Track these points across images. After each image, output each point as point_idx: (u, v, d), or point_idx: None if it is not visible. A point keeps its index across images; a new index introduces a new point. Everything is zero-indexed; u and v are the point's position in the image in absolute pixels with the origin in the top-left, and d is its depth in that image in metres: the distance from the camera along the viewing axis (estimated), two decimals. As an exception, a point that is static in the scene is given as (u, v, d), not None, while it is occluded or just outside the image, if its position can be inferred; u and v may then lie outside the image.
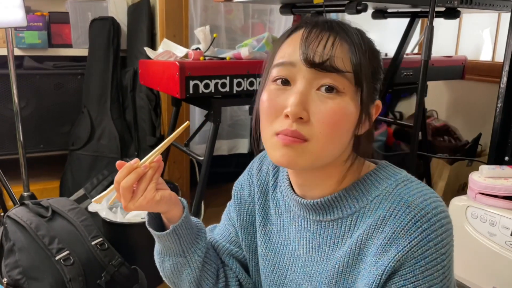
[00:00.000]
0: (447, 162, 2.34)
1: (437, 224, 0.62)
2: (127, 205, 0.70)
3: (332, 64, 0.62)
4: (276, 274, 0.80)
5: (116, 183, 0.69)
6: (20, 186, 2.13)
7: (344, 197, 0.69)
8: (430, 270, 0.61)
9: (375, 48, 0.69)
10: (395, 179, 0.69)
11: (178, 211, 0.76)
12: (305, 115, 0.62)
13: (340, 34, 0.64)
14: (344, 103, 0.63)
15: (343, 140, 0.66)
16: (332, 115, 0.62)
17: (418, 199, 0.64)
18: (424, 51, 1.43)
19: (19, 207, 1.53)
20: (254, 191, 0.84)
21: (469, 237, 1.28)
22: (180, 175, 2.39)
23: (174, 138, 0.73)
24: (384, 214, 0.65)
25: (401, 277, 0.62)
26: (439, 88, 2.73)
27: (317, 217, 0.72)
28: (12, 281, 1.39)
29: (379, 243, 0.64)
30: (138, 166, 0.69)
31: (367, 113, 0.66)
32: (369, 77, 0.65)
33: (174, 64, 1.46)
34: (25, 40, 2.30)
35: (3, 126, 2.31)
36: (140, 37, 2.33)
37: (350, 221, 0.69)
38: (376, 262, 0.64)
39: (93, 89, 2.35)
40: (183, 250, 0.78)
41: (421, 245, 0.61)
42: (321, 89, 0.63)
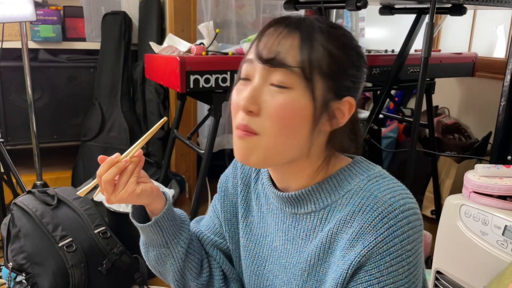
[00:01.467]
0: (455, 160, 2.31)
1: (404, 220, 0.63)
2: (109, 198, 0.72)
3: (279, 59, 0.64)
4: (255, 265, 0.82)
5: (98, 177, 0.71)
6: (34, 175, 2.20)
7: (318, 190, 0.71)
8: (395, 266, 0.62)
9: (346, 43, 0.68)
10: (368, 174, 0.69)
11: (160, 204, 0.78)
12: (254, 108, 0.64)
13: (293, 29, 0.65)
14: (293, 98, 0.64)
15: (297, 135, 0.66)
16: (279, 109, 0.64)
17: (387, 195, 0.65)
18: (424, 48, 1.42)
19: (26, 195, 1.59)
20: (237, 184, 0.86)
21: (461, 235, 1.28)
22: (187, 167, 2.43)
23: (152, 133, 0.75)
24: (353, 209, 0.66)
25: (367, 272, 0.63)
26: (451, 85, 2.69)
27: (292, 210, 0.74)
28: (17, 266, 1.45)
29: (347, 238, 0.65)
30: (119, 160, 0.71)
31: (324, 109, 0.66)
32: (325, 73, 0.65)
33: (175, 59, 1.49)
34: (40, 34, 2.37)
35: (18, 116, 2.39)
36: (150, 32, 2.37)
37: (322, 214, 0.70)
38: (343, 256, 0.65)
39: (104, 82, 2.41)
40: (166, 241, 0.80)
41: (386, 241, 0.62)
42: (274, 84, 0.65)
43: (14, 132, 2.42)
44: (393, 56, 1.92)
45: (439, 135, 2.53)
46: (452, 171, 2.29)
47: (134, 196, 0.73)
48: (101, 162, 0.72)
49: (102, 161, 0.72)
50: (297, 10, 1.70)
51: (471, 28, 2.66)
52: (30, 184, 2.21)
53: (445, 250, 1.35)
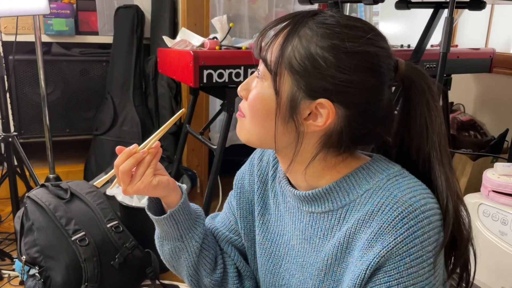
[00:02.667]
0: (471, 158, 2.28)
1: (424, 221, 0.61)
2: (126, 189, 0.73)
3: (259, 53, 0.69)
4: (271, 263, 0.81)
5: (115, 168, 0.71)
6: (46, 168, 2.21)
7: (335, 189, 0.69)
8: (415, 267, 0.61)
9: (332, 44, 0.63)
10: (387, 173, 0.68)
11: (176, 197, 0.78)
12: (243, 94, 0.71)
13: (286, 26, 0.67)
14: (262, 88, 0.68)
15: (266, 123, 0.68)
16: (251, 95, 0.69)
17: (407, 195, 0.63)
18: (443, 44, 1.39)
19: (39, 188, 1.60)
20: (254, 181, 0.85)
21: (480, 235, 1.25)
22: (198, 162, 2.43)
23: (170, 125, 0.75)
24: (372, 208, 0.65)
25: (386, 273, 0.62)
26: (467, 81, 2.64)
27: (309, 209, 0.73)
28: (30, 259, 1.46)
29: (366, 238, 0.64)
30: (136, 151, 0.71)
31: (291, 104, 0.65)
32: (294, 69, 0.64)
33: (188, 53, 1.48)
34: (53, 27, 2.37)
35: (32, 110, 2.40)
36: (162, 26, 2.36)
37: (340, 214, 0.69)
38: (362, 256, 0.64)
39: (116, 76, 2.41)
40: (180, 235, 0.80)
41: (406, 241, 0.60)
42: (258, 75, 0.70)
43: (28, 125, 2.43)
44: (409, 52, 1.89)
45: (454, 132, 2.49)
46: (468, 169, 2.26)
47: (150, 188, 0.73)
48: (118, 153, 0.72)
49: (120, 151, 0.72)
50: (312, 4, 1.68)
51: (488, 23, 2.61)
52: (43, 177, 2.22)
53: (462, 250, 1.33)
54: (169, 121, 0.75)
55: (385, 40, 0.67)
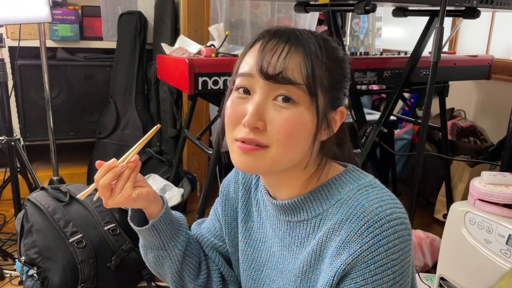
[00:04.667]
0: (469, 164, 2.28)
1: (389, 230, 0.63)
2: (106, 202, 0.75)
3: (285, 76, 0.64)
4: (253, 269, 0.83)
5: (95, 182, 0.74)
6: (51, 171, 2.27)
7: (310, 199, 0.72)
8: (380, 275, 0.63)
9: (338, 57, 0.70)
10: (358, 184, 0.70)
11: (157, 207, 0.81)
12: (260, 124, 0.65)
13: (295, 45, 0.66)
14: (299, 113, 0.65)
15: (301, 147, 0.68)
16: (287, 124, 0.65)
17: (374, 205, 0.66)
18: (433, 53, 1.40)
19: (39, 191, 1.64)
20: (239, 188, 0.88)
21: (466, 243, 1.27)
22: (198, 166, 2.46)
23: (146, 140, 0.77)
24: (341, 217, 0.67)
25: (352, 280, 0.64)
26: (468, 87, 2.64)
27: (286, 218, 0.75)
28: (29, 260, 1.50)
29: (335, 246, 0.67)
30: (115, 165, 0.74)
31: (324, 121, 0.69)
32: (325, 87, 0.67)
33: (184, 61, 1.52)
34: (58, 33, 2.43)
35: (37, 113, 2.47)
36: (164, 32, 2.41)
37: (314, 223, 0.72)
38: (331, 263, 0.67)
39: (119, 80, 2.46)
40: (163, 244, 0.83)
41: (371, 250, 0.63)
42: (278, 99, 0.66)
43: (33, 128, 2.49)
44: (405, 59, 1.90)
45: (453, 138, 2.49)
46: (465, 176, 2.26)
47: (130, 200, 0.75)
48: (98, 167, 0.74)
49: (100, 166, 0.74)
50: (307, 12, 1.70)
51: (490, 30, 2.61)
52: (47, 180, 2.27)
53: (450, 257, 1.34)
54: (145, 137, 0.77)
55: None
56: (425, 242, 1.90)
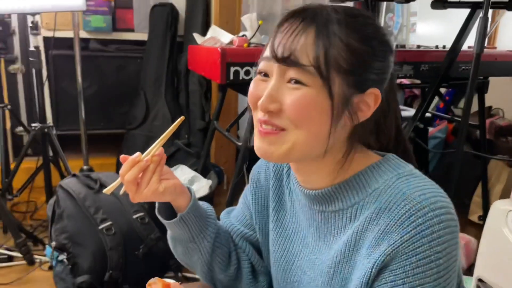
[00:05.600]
0: (507, 164, 2.19)
1: (434, 219, 0.59)
2: (133, 197, 0.74)
3: (293, 59, 0.62)
4: (285, 260, 0.81)
5: (121, 177, 0.72)
6: (81, 160, 2.30)
7: (345, 188, 0.69)
8: (422, 268, 0.59)
9: (366, 34, 0.64)
10: (397, 172, 0.66)
11: (185, 200, 0.79)
12: (274, 107, 0.64)
13: (309, 24, 0.62)
14: (309, 94, 0.62)
15: (318, 130, 0.64)
16: (297, 105, 0.62)
17: (416, 193, 0.61)
18: (476, 44, 1.34)
19: (71, 178, 1.66)
20: (270, 176, 0.85)
21: (507, 243, 1.20)
22: (226, 159, 2.45)
23: (171, 132, 0.75)
24: (380, 206, 0.63)
25: (392, 272, 0.60)
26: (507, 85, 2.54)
27: (320, 207, 0.72)
28: (59, 245, 1.52)
29: (373, 236, 0.63)
30: (140, 160, 0.72)
31: (345, 104, 0.63)
32: (344, 68, 0.62)
33: (216, 50, 1.50)
34: (91, 24, 2.46)
35: (69, 103, 2.50)
36: (195, 23, 2.40)
37: (351, 212, 0.68)
38: (369, 255, 0.63)
39: (150, 72, 2.47)
40: (192, 237, 0.81)
41: (413, 240, 0.59)
42: (291, 82, 0.63)
43: (65, 118, 2.53)
44: (444, 52, 1.84)
45: (491, 137, 2.40)
46: (504, 176, 2.18)
47: (157, 194, 0.73)
48: (123, 162, 0.72)
49: (124, 160, 0.72)
50: (344, 2, 1.66)
51: (532, 24, 2.50)
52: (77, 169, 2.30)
53: (489, 258, 1.28)
54: (169, 129, 0.75)
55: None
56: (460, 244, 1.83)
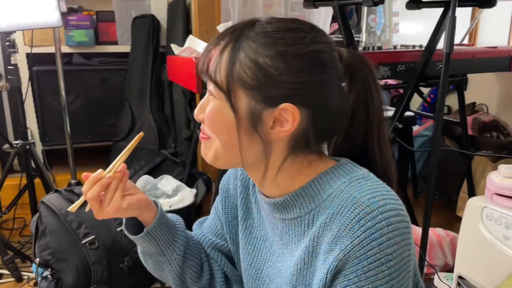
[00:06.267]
0: (491, 160, 2.20)
1: (383, 222, 0.60)
2: (97, 214, 0.74)
3: (206, 73, 0.67)
4: (254, 268, 0.81)
5: (84, 194, 0.73)
6: (69, 174, 2.30)
7: (301, 195, 0.69)
8: (374, 271, 0.59)
9: (284, 51, 0.63)
10: (350, 177, 0.67)
11: (151, 214, 0.79)
12: (201, 117, 0.70)
13: (228, 42, 0.65)
14: (217, 107, 0.67)
15: (229, 141, 0.67)
16: (208, 116, 0.68)
17: (366, 196, 0.62)
18: (445, 43, 1.35)
19: (53, 193, 1.66)
20: (237, 185, 0.86)
21: (483, 238, 1.21)
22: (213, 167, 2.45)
23: (131, 148, 0.76)
24: (333, 211, 0.64)
25: (345, 277, 0.61)
26: (490, 81, 2.55)
27: (280, 215, 0.73)
28: (43, 261, 1.52)
29: (327, 241, 0.64)
30: (102, 177, 0.73)
31: (253, 118, 0.65)
32: (248, 85, 0.64)
33: (191, 60, 1.51)
34: (74, 38, 2.48)
35: (54, 118, 2.51)
36: (176, 33, 2.42)
37: (308, 219, 0.69)
38: (324, 260, 0.64)
39: (134, 83, 2.48)
40: (161, 250, 0.81)
41: (363, 244, 0.59)
42: (211, 94, 0.69)
43: (51, 132, 2.54)
44: (420, 52, 1.85)
45: (475, 133, 2.41)
46: (488, 171, 2.17)
47: (120, 211, 0.74)
48: (85, 179, 0.73)
49: (86, 178, 0.73)
50: (316, 7, 1.68)
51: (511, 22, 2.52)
52: (65, 183, 2.31)
53: (467, 254, 1.29)
54: (129, 145, 0.76)
55: (326, 35, 0.68)
56: (445, 241, 1.84)
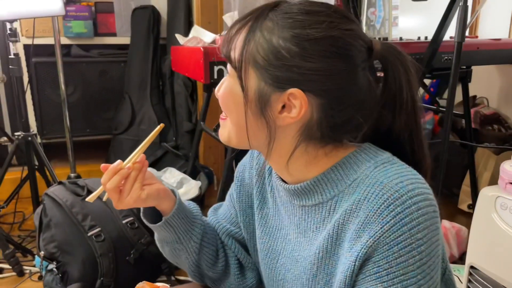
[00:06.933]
0: (494, 152, 2.21)
1: (412, 207, 0.58)
2: (116, 204, 0.74)
3: (225, 53, 0.67)
4: (269, 258, 0.80)
5: (103, 185, 0.72)
6: (68, 168, 2.27)
7: (323, 181, 0.68)
8: (405, 257, 0.58)
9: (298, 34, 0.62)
10: (375, 161, 0.65)
11: (169, 203, 0.79)
12: (218, 96, 0.70)
13: (247, 23, 0.65)
14: (229, 84, 0.68)
15: (237, 121, 0.67)
16: (221, 94, 0.69)
17: (394, 181, 0.61)
18: (457, 33, 1.35)
19: (57, 185, 1.63)
20: (253, 174, 0.85)
21: (497, 229, 1.21)
22: (215, 160, 2.44)
23: (151, 139, 0.76)
24: (359, 197, 0.63)
25: (375, 264, 0.60)
26: (491, 74, 2.56)
27: (300, 202, 0.71)
28: (48, 254, 1.49)
29: (354, 228, 0.62)
30: (121, 167, 0.72)
31: (260, 99, 0.64)
32: (259, 64, 0.63)
33: (199, 50, 1.49)
34: (72, 30, 2.43)
35: (53, 111, 2.47)
36: (177, 25, 2.39)
37: (330, 205, 0.67)
38: (351, 248, 0.62)
39: (134, 76, 2.44)
40: (178, 238, 0.81)
41: (394, 229, 0.58)
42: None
43: (49, 126, 2.50)
44: (426, 43, 1.84)
45: (477, 126, 2.42)
46: (491, 163, 2.19)
47: (140, 201, 0.74)
48: (104, 171, 0.72)
49: (105, 169, 0.72)
50: None
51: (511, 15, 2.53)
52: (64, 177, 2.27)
53: (480, 245, 1.29)
54: (150, 136, 0.75)
55: (351, 22, 0.65)
56: (450, 233, 1.84)
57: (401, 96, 0.67)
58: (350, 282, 0.62)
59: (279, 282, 0.78)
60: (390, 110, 0.68)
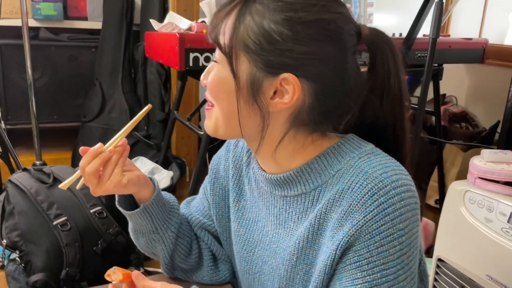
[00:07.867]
0: (461, 149, 2.26)
1: (395, 197, 0.59)
2: (94, 190, 0.70)
3: (214, 38, 0.65)
4: (245, 250, 0.79)
5: (81, 169, 0.69)
6: (33, 155, 2.18)
7: (307, 171, 0.67)
8: (386, 246, 0.58)
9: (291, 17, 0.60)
10: (359, 152, 0.66)
11: (148, 191, 0.77)
12: (205, 83, 0.68)
13: (236, 5, 0.63)
14: (218, 71, 0.65)
15: (229, 109, 0.65)
16: (210, 81, 0.66)
17: (378, 171, 0.61)
18: (432, 29, 1.37)
19: (21, 172, 1.57)
20: (229, 167, 0.84)
21: (465, 222, 1.24)
22: (188, 150, 2.40)
23: (136, 122, 0.73)
24: (343, 187, 0.62)
25: (356, 252, 0.60)
26: (460, 73, 2.63)
27: (282, 192, 0.71)
28: (10, 243, 1.43)
29: (336, 217, 0.62)
30: (102, 151, 0.69)
31: (252, 85, 0.62)
32: (250, 49, 0.61)
33: (174, 36, 1.46)
34: (41, 11, 2.34)
35: (19, 96, 2.37)
36: (152, 11, 2.33)
37: (313, 196, 0.67)
38: (332, 236, 0.62)
39: (105, 62, 2.38)
40: (156, 227, 0.79)
41: (376, 219, 0.58)
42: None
43: (15, 111, 2.40)
44: (400, 40, 1.86)
45: (445, 124, 2.48)
46: (458, 160, 2.25)
47: (120, 187, 0.71)
48: (83, 154, 0.69)
49: (84, 152, 0.69)
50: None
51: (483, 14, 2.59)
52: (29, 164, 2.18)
53: (447, 238, 1.32)
54: (135, 118, 0.73)
55: (341, 5, 0.64)
56: (418, 226, 1.88)
57: (389, 80, 0.67)
58: (330, 270, 0.62)
59: (255, 275, 0.77)
60: (378, 95, 0.68)
